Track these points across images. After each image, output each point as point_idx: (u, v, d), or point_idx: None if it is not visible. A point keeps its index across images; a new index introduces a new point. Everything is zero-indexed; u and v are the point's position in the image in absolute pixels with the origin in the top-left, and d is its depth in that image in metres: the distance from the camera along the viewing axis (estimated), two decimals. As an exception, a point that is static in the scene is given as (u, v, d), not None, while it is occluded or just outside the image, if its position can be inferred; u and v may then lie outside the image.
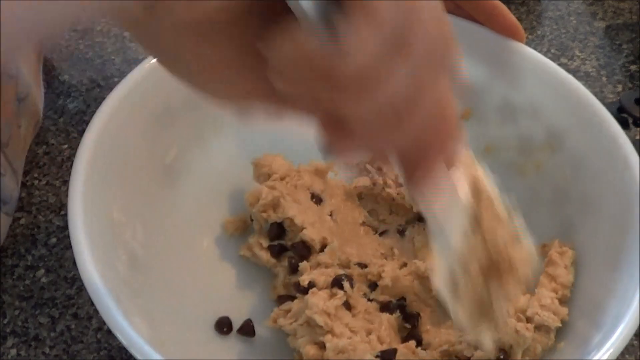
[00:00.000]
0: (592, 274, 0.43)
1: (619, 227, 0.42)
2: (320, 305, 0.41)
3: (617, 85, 0.64)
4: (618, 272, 0.41)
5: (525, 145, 0.50)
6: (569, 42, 0.68)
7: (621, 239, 0.42)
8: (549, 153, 0.48)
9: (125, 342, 0.36)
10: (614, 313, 0.38)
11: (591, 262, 0.44)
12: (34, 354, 0.47)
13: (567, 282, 0.43)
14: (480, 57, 0.50)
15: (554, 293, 0.43)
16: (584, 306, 0.42)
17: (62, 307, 0.49)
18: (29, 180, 0.55)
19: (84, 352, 0.47)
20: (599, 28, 0.70)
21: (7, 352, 0.46)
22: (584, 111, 0.46)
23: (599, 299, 0.41)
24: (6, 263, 0.51)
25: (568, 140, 0.47)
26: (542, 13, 0.71)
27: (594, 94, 0.63)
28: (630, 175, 0.42)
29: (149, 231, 0.44)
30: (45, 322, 0.48)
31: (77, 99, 0.61)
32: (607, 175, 0.44)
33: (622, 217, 0.42)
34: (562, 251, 0.44)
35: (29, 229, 0.53)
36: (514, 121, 0.50)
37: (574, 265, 0.44)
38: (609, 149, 0.44)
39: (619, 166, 0.43)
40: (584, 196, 0.46)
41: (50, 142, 0.58)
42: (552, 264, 0.44)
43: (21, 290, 0.49)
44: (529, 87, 0.49)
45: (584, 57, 0.67)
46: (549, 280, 0.43)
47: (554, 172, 0.48)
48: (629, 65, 0.66)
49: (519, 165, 0.50)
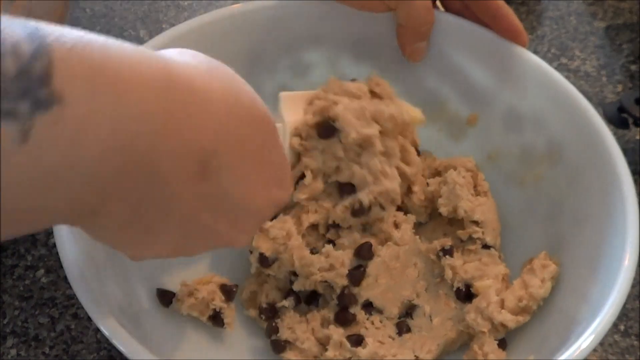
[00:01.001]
0: (571, 289, 0.43)
1: (601, 242, 0.42)
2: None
3: (617, 85, 0.64)
4: (593, 284, 0.41)
5: (526, 156, 0.49)
6: (569, 42, 0.68)
7: (602, 253, 0.42)
8: (548, 165, 0.48)
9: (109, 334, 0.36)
10: (584, 324, 0.38)
11: (571, 279, 0.44)
12: (34, 354, 0.47)
13: (537, 295, 0.43)
14: (489, 63, 0.50)
15: (518, 301, 0.43)
16: (555, 320, 0.42)
17: (62, 307, 0.49)
18: (29, 180, 0.55)
19: (84, 352, 0.47)
20: (599, 28, 0.70)
21: (7, 352, 0.46)
22: (583, 125, 0.45)
23: (573, 313, 0.41)
24: (6, 263, 0.51)
25: (566, 153, 0.47)
26: (542, 13, 0.71)
27: (594, 94, 0.63)
28: (619, 188, 0.42)
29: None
30: (45, 322, 0.48)
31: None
32: (597, 188, 0.44)
33: (606, 232, 0.42)
34: (545, 264, 0.44)
35: (29, 229, 0.53)
36: (519, 130, 0.50)
37: (554, 280, 0.44)
38: (603, 163, 0.44)
39: (609, 179, 0.43)
40: (575, 211, 0.45)
41: (50, 142, 0.58)
42: (531, 272, 0.44)
43: (21, 290, 0.49)
44: (533, 96, 0.48)
45: (584, 57, 0.67)
46: (520, 286, 0.44)
47: (551, 184, 0.48)
48: (629, 65, 0.66)
49: (519, 175, 0.50)
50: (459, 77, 0.51)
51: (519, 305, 0.43)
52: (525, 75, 0.48)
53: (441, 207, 0.47)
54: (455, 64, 0.51)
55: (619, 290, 0.38)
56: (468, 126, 0.52)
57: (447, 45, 0.50)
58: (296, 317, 0.45)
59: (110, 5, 0.70)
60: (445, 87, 0.52)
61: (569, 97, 0.47)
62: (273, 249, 0.44)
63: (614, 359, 0.48)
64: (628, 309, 0.50)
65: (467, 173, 0.48)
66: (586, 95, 0.63)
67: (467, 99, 0.51)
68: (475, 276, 0.45)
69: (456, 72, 0.51)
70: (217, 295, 0.44)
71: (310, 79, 0.52)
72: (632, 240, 0.40)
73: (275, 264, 0.45)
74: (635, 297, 0.51)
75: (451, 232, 0.48)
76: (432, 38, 0.50)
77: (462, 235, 0.47)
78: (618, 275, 0.39)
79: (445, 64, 0.51)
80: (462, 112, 0.52)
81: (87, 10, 0.70)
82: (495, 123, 0.51)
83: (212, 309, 0.44)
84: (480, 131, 0.51)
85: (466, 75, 0.51)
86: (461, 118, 0.52)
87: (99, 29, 0.68)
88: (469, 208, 0.46)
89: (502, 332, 0.43)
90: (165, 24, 0.68)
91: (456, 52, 0.50)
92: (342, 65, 0.52)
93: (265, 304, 0.46)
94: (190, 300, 0.44)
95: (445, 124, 0.53)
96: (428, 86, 0.52)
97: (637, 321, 0.49)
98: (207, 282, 0.45)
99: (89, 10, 0.70)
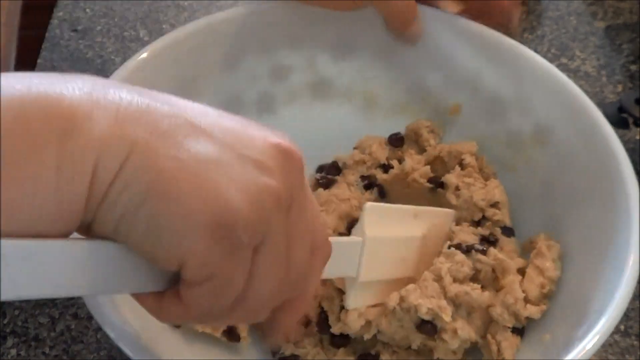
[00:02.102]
0: (578, 268, 0.43)
1: (605, 220, 0.42)
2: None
3: (617, 85, 0.64)
4: (602, 265, 0.41)
5: (514, 140, 0.50)
6: (569, 42, 0.68)
7: (606, 232, 0.42)
8: (538, 148, 0.48)
9: (114, 336, 0.36)
10: (598, 306, 0.39)
11: (577, 257, 0.44)
12: (34, 354, 0.47)
13: (554, 276, 0.43)
14: (471, 51, 0.50)
15: (540, 288, 0.43)
16: (568, 299, 0.43)
17: (62, 307, 0.49)
18: (29, 180, 0.55)
19: (84, 352, 0.47)
20: (599, 28, 0.70)
21: (7, 352, 0.46)
22: (571, 105, 0.46)
23: (584, 293, 0.41)
24: (6, 263, 0.51)
25: (556, 134, 0.47)
26: (542, 13, 0.71)
27: (594, 94, 0.63)
28: (616, 168, 0.42)
29: None
30: (45, 322, 0.48)
31: (77, 99, 0.61)
32: (594, 168, 0.44)
33: (608, 210, 0.42)
34: (550, 244, 0.45)
35: (29, 229, 0.53)
36: (503, 116, 0.50)
37: (561, 260, 0.44)
38: (595, 142, 0.44)
39: (605, 159, 0.43)
40: (570, 190, 0.46)
41: (50, 142, 0.58)
42: (541, 256, 0.44)
43: (21, 290, 0.49)
44: (517, 81, 0.49)
45: (584, 57, 0.67)
46: (536, 273, 0.44)
47: (542, 166, 0.48)
48: (629, 65, 0.66)
49: (508, 160, 0.50)
50: (441, 68, 0.51)
51: (542, 292, 0.43)
52: (507, 60, 0.49)
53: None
54: (436, 55, 0.51)
55: (630, 273, 0.39)
56: (452, 115, 0.52)
57: (426, 36, 0.50)
58: (301, 329, 0.45)
59: (110, 5, 0.70)
60: (427, 79, 0.52)
61: (551, 78, 0.47)
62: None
63: (614, 359, 0.48)
64: (628, 309, 0.50)
65: (471, 158, 0.48)
66: (586, 95, 0.63)
67: (450, 89, 0.52)
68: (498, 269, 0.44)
69: (437, 62, 0.51)
70: None
71: (291, 83, 0.52)
72: (636, 213, 0.40)
73: None
74: (636, 297, 0.51)
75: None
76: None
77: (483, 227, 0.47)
78: (628, 252, 0.39)
79: (425, 56, 0.51)
80: (446, 102, 0.52)
81: (87, 10, 0.70)
82: (480, 110, 0.51)
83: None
84: (465, 120, 0.52)
85: (448, 65, 0.51)
86: (445, 108, 0.52)
87: (99, 29, 0.68)
88: (483, 195, 0.47)
89: (524, 322, 0.43)
90: (165, 24, 0.68)
91: (436, 43, 0.51)
92: (321, 66, 0.52)
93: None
94: None
95: (429, 114, 0.53)
96: (409, 79, 0.52)
97: (637, 321, 0.49)
98: None
99: (89, 11, 0.70)
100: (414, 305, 0.41)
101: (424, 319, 0.41)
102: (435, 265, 0.43)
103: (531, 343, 0.43)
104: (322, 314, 0.44)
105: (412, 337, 0.43)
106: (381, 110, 0.53)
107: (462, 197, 0.47)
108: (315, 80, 0.52)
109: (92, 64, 0.65)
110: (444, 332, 0.42)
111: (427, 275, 0.42)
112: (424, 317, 0.41)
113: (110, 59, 0.65)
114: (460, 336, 0.42)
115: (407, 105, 0.52)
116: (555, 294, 0.44)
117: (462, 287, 0.42)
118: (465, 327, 0.42)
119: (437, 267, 0.43)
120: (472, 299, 0.42)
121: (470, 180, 0.48)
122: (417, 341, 0.43)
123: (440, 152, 0.50)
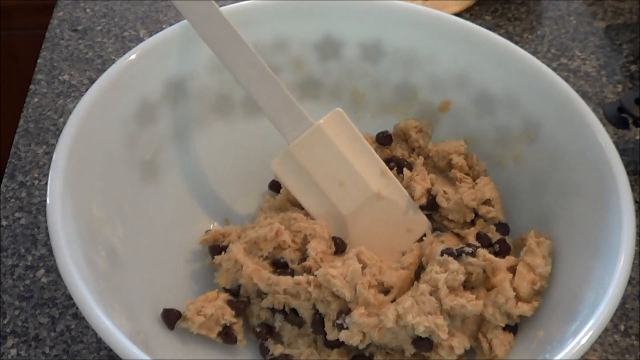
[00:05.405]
0: (569, 264, 0.43)
1: (596, 215, 0.42)
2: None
3: (617, 85, 0.64)
4: (594, 260, 0.41)
5: (503, 137, 0.50)
6: (569, 42, 0.68)
7: (598, 226, 0.42)
8: (527, 143, 0.48)
9: (104, 336, 0.35)
10: (591, 301, 0.39)
11: (568, 252, 0.44)
12: (34, 354, 0.47)
13: (545, 272, 0.43)
14: (458, 48, 0.50)
15: (532, 285, 0.43)
16: (561, 295, 0.43)
17: (62, 307, 0.49)
18: (29, 180, 0.55)
19: (84, 352, 0.47)
20: (599, 28, 0.70)
21: (7, 352, 0.46)
22: (559, 100, 0.46)
23: (576, 288, 0.41)
24: (6, 263, 0.51)
25: (545, 129, 0.47)
26: (542, 13, 0.71)
27: (594, 94, 0.63)
28: (606, 162, 0.42)
29: (128, 226, 0.44)
30: (45, 322, 0.48)
31: (77, 99, 0.61)
32: (583, 163, 0.44)
33: (599, 205, 0.42)
34: (540, 241, 0.45)
35: (29, 229, 0.53)
36: (492, 112, 0.50)
37: (551, 256, 0.44)
38: (584, 137, 0.44)
39: (595, 154, 0.43)
40: (561, 185, 0.46)
41: (50, 142, 0.58)
42: (531, 253, 0.44)
43: (21, 290, 0.49)
44: (505, 77, 0.49)
45: (584, 57, 0.67)
46: (527, 270, 0.44)
47: (532, 162, 0.48)
48: (629, 65, 0.66)
49: (498, 156, 0.50)
50: (426, 66, 0.51)
51: (534, 289, 0.43)
52: (494, 56, 0.49)
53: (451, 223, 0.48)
54: (421, 53, 0.51)
55: (622, 268, 0.38)
56: (441, 113, 0.52)
57: (411, 34, 0.51)
58: (295, 330, 0.45)
59: (110, 5, 0.70)
60: (413, 77, 0.52)
61: (539, 73, 0.47)
62: (232, 279, 0.45)
63: (614, 359, 0.48)
64: (628, 309, 0.50)
65: (459, 157, 0.49)
66: (586, 95, 0.63)
67: (438, 86, 0.52)
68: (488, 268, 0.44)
69: (423, 61, 0.51)
70: (227, 310, 0.44)
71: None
72: (627, 207, 0.40)
73: (243, 290, 0.45)
74: (635, 297, 0.51)
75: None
76: (394, 30, 0.51)
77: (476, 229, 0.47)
78: (620, 248, 0.39)
79: (410, 54, 0.51)
80: (434, 99, 0.52)
81: (87, 10, 0.70)
82: (469, 107, 0.51)
83: (223, 325, 0.44)
84: (454, 117, 0.52)
85: (433, 63, 0.51)
86: (433, 106, 0.52)
87: (99, 29, 0.68)
88: (472, 194, 0.47)
89: (517, 320, 0.43)
90: (165, 24, 0.68)
91: (421, 41, 0.51)
92: (308, 67, 0.52)
93: (257, 326, 0.46)
94: (199, 319, 0.43)
95: (417, 113, 0.53)
96: (396, 79, 0.52)
97: (637, 321, 0.50)
98: (213, 298, 0.44)
99: (89, 10, 0.70)
100: (412, 324, 0.41)
101: (420, 336, 0.42)
102: (431, 276, 0.43)
103: (524, 340, 0.43)
104: (316, 314, 0.44)
105: (406, 347, 0.43)
106: (369, 108, 0.54)
107: (453, 200, 0.48)
108: (303, 80, 0.52)
109: (92, 64, 0.65)
110: (440, 347, 0.42)
111: (423, 289, 0.42)
112: (421, 335, 0.41)
113: (110, 59, 0.65)
114: (456, 352, 0.42)
115: (396, 103, 0.52)
116: (547, 290, 0.44)
117: (458, 300, 0.42)
118: (461, 340, 0.42)
119: (433, 278, 0.43)
120: (467, 310, 0.42)
121: (458, 183, 0.49)
122: (411, 351, 0.43)
123: (429, 152, 0.50)
